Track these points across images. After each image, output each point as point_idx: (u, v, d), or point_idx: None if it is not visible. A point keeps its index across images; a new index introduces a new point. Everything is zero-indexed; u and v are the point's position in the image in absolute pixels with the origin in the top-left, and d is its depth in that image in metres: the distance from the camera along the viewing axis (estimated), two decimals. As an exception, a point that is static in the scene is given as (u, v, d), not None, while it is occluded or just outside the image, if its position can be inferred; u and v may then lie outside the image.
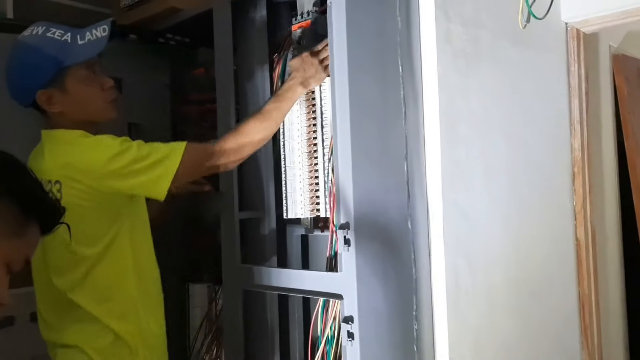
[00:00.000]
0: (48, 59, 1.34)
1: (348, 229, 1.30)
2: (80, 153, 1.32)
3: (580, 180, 1.94)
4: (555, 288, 1.85)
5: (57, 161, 1.32)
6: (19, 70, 1.36)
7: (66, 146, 1.34)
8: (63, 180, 1.29)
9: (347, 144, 1.31)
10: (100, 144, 1.32)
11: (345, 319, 1.29)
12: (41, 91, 1.35)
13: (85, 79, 1.39)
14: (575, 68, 1.95)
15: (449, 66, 1.47)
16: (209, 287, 1.79)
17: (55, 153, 1.33)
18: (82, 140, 1.34)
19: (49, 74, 1.35)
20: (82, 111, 1.39)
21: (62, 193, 1.29)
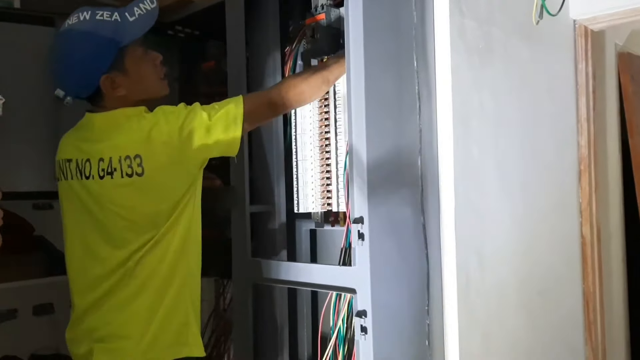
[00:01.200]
0: (106, 43, 1.33)
1: (362, 223, 1.30)
2: (155, 125, 1.32)
3: (587, 178, 1.95)
4: (560, 285, 1.86)
5: (135, 136, 1.31)
6: (79, 60, 1.33)
7: (138, 121, 1.33)
8: (143, 154, 1.30)
9: (362, 138, 1.31)
10: (169, 112, 1.33)
11: (359, 313, 1.29)
12: (105, 76, 1.33)
13: (142, 57, 1.39)
14: (582, 66, 1.96)
15: (462, 61, 1.47)
16: (216, 280, 1.79)
17: (131, 129, 1.32)
18: (150, 114, 1.35)
19: (110, 58, 1.33)
20: (143, 90, 1.39)
21: (143, 167, 1.30)
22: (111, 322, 1.36)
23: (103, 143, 1.34)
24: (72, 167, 1.39)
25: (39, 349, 2.12)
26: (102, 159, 1.33)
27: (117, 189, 1.33)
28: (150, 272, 1.35)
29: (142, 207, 1.34)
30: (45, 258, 2.15)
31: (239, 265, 1.56)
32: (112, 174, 1.32)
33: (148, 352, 1.34)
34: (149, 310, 1.35)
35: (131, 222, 1.35)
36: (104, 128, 1.36)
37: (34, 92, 1.73)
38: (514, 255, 1.64)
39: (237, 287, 1.57)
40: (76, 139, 1.41)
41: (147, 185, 1.32)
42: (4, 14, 1.74)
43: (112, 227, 1.36)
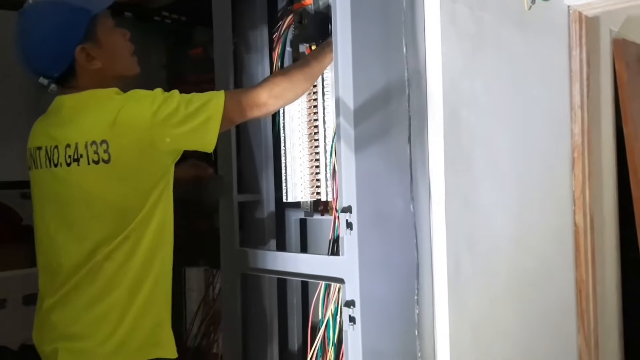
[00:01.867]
0: (78, 12, 1.27)
1: (350, 212, 1.28)
2: (124, 108, 1.25)
3: (580, 166, 1.93)
4: (553, 273, 1.85)
5: (102, 120, 1.24)
6: (51, 33, 1.27)
7: (107, 104, 1.27)
8: (110, 139, 1.23)
9: (350, 126, 1.29)
10: (142, 96, 1.27)
11: (347, 303, 1.28)
12: (79, 47, 1.27)
13: (113, 28, 1.34)
14: (576, 52, 1.94)
15: (453, 48, 1.44)
16: (205, 270, 1.77)
17: (98, 112, 1.26)
18: (120, 96, 1.28)
19: (83, 27, 1.27)
20: (117, 64, 1.34)
21: (109, 153, 1.23)
22: (78, 320, 1.29)
23: (70, 127, 1.28)
24: (41, 155, 1.33)
25: (29, 339, 2.11)
26: (69, 145, 1.27)
27: (84, 176, 1.26)
28: (120, 269, 1.29)
29: (109, 196, 1.27)
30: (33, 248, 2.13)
31: (227, 255, 1.54)
32: (78, 160, 1.26)
33: (115, 354, 1.28)
34: (119, 310, 1.29)
35: (97, 212, 1.28)
36: (72, 110, 1.30)
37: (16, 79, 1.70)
38: (506, 244, 1.63)
39: (226, 277, 1.56)
40: (46, 124, 1.35)
41: (113, 173, 1.25)
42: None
43: (78, 217, 1.29)
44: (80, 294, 1.30)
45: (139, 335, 1.30)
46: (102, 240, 1.28)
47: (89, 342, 1.28)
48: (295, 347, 1.64)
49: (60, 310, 1.32)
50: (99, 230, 1.28)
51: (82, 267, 1.29)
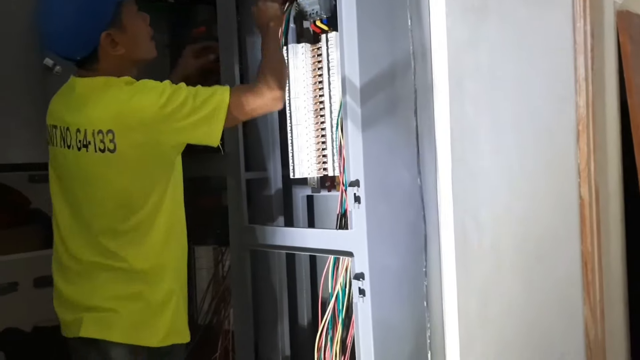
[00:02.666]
0: (108, 2, 1.28)
1: (358, 186, 1.29)
2: (132, 99, 1.27)
3: (585, 138, 1.93)
4: (559, 246, 1.86)
5: (109, 110, 1.27)
6: (77, 18, 1.27)
7: (115, 94, 1.28)
8: (116, 129, 1.25)
9: (356, 100, 1.29)
10: (151, 88, 1.28)
11: (356, 275, 1.29)
12: (105, 33, 1.28)
13: (136, 14, 1.35)
14: (580, 24, 1.92)
15: (457, 20, 1.44)
16: (214, 248, 1.79)
17: (106, 102, 1.28)
18: (129, 87, 1.29)
19: (109, 13, 1.28)
20: (138, 49, 1.35)
21: (115, 143, 1.25)
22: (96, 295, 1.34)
23: (80, 113, 1.30)
24: (57, 133, 1.35)
25: (40, 320, 2.14)
26: (79, 130, 1.29)
27: (91, 162, 1.29)
28: (133, 261, 1.32)
29: (113, 185, 1.30)
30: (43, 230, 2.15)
31: (236, 232, 1.56)
32: (87, 146, 1.28)
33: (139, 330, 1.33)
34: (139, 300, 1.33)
35: (102, 198, 1.31)
36: (82, 96, 1.31)
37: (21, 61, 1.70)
38: (511, 216, 1.64)
39: (235, 254, 1.58)
40: (60, 104, 1.37)
41: (118, 163, 1.27)
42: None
43: (85, 200, 1.33)
44: (95, 275, 1.34)
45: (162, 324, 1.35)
46: (107, 227, 1.31)
47: (112, 312, 1.32)
48: (305, 321, 1.66)
49: (78, 286, 1.36)
50: (103, 215, 1.32)
51: (92, 249, 1.33)
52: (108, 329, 1.32)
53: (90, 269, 1.35)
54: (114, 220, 1.32)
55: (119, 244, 1.32)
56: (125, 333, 1.32)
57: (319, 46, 1.46)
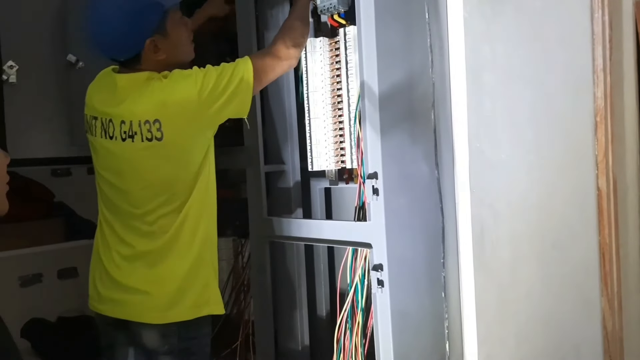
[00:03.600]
0: (153, 6, 1.33)
1: (376, 178, 1.31)
2: (174, 89, 1.33)
3: (603, 130, 1.92)
4: (576, 237, 1.86)
5: (153, 101, 1.33)
6: (125, 24, 1.32)
7: (158, 86, 1.34)
8: (162, 119, 1.32)
9: (374, 93, 1.30)
10: (186, 76, 1.35)
11: (375, 267, 1.31)
12: (149, 40, 1.34)
13: (180, 20, 1.40)
14: (599, 14, 1.91)
15: (474, 12, 1.44)
16: (234, 240, 1.81)
17: (149, 94, 1.34)
18: (168, 79, 1.35)
19: (156, 21, 1.34)
20: (178, 54, 1.41)
21: (162, 131, 1.32)
22: (134, 277, 1.40)
23: (124, 106, 1.36)
24: (97, 124, 1.41)
25: (64, 311, 2.19)
26: (124, 122, 1.35)
27: (138, 152, 1.35)
28: (172, 236, 1.38)
29: (160, 171, 1.37)
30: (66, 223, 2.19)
31: (256, 224, 1.58)
32: (132, 137, 1.34)
33: (170, 309, 1.38)
34: (172, 273, 1.39)
35: (148, 184, 1.37)
36: (125, 90, 1.37)
37: (46, 57, 1.73)
38: (528, 208, 1.64)
39: (254, 246, 1.60)
40: (100, 96, 1.43)
41: (166, 150, 1.34)
42: (11, -22, 1.73)
43: (130, 187, 1.39)
44: (136, 256, 1.41)
45: (190, 295, 1.40)
46: (154, 208, 1.38)
47: (147, 297, 1.39)
48: (323, 312, 1.69)
49: (118, 267, 1.42)
50: (149, 200, 1.38)
51: (135, 232, 1.40)
52: (141, 312, 1.39)
53: (131, 253, 1.42)
54: (157, 204, 1.39)
55: (158, 225, 1.39)
56: (156, 315, 1.39)
57: (337, 40, 1.47)
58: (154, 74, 1.36)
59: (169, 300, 1.39)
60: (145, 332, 1.40)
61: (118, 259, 1.43)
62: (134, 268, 1.41)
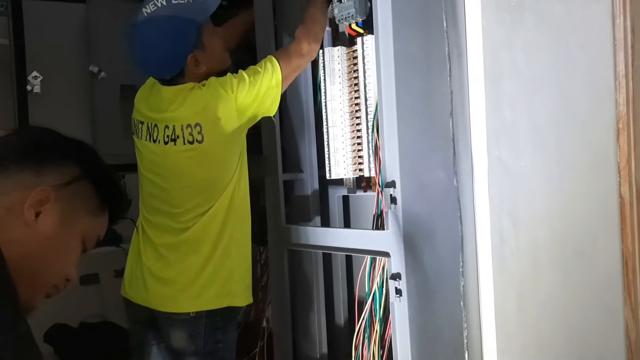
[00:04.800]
0: (189, 23, 1.41)
1: (394, 187, 1.31)
2: (213, 95, 1.42)
3: (625, 136, 1.89)
4: (598, 245, 1.83)
5: (195, 106, 1.42)
6: (167, 44, 1.41)
7: (199, 93, 1.43)
8: (203, 122, 1.41)
9: (392, 102, 1.31)
10: (222, 83, 1.43)
11: (393, 275, 1.31)
12: (190, 56, 1.42)
13: (213, 32, 1.48)
14: (620, 20, 1.89)
15: (493, 20, 1.44)
16: (253, 247, 1.82)
17: (192, 100, 1.43)
18: (207, 87, 1.44)
19: (193, 38, 1.42)
20: (216, 64, 1.49)
21: (203, 134, 1.41)
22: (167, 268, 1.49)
23: (168, 113, 1.45)
24: (143, 128, 1.50)
25: (87, 317, 2.22)
26: (167, 127, 1.44)
27: (179, 154, 1.43)
28: (204, 230, 1.46)
29: (201, 172, 1.45)
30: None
31: (274, 232, 1.59)
32: (175, 140, 1.43)
33: (196, 299, 1.46)
34: (200, 263, 1.47)
35: (189, 184, 1.46)
36: (169, 100, 1.45)
37: (69, 68, 1.77)
38: (549, 215, 1.62)
39: (273, 253, 1.61)
40: (146, 104, 1.52)
41: (206, 152, 1.42)
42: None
43: (172, 187, 1.48)
44: (169, 249, 1.50)
45: (215, 285, 1.47)
46: (192, 207, 1.46)
47: (175, 287, 1.47)
48: (342, 320, 1.69)
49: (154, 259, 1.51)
50: (189, 199, 1.47)
51: (173, 228, 1.48)
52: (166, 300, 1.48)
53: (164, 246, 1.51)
54: (194, 204, 1.47)
55: (192, 222, 1.47)
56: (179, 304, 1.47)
57: (355, 49, 1.48)
58: (195, 84, 1.45)
59: (192, 290, 1.46)
60: (173, 331, 1.47)
61: (151, 253, 1.51)
62: (166, 260, 1.49)
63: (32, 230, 0.77)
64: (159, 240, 1.51)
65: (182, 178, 1.47)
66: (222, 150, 1.45)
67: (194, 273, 1.47)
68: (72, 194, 0.81)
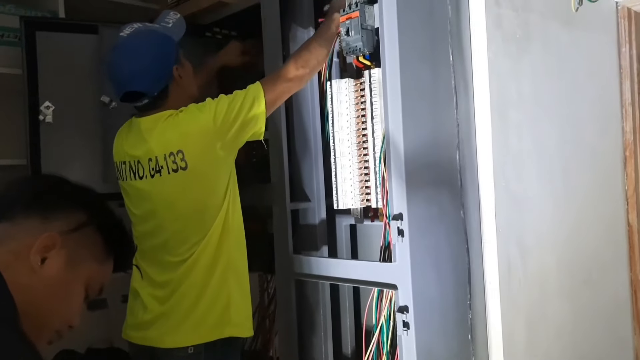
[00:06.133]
0: (168, 38, 1.48)
1: (401, 219, 1.31)
2: (191, 120, 1.43)
3: (632, 164, 1.90)
4: (607, 273, 1.83)
5: (175, 133, 1.43)
6: (152, 52, 1.46)
7: (177, 120, 1.44)
8: (185, 148, 1.41)
9: (399, 134, 1.31)
10: (200, 108, 1.44)
11: (400, 308, 1.31)
12: (175, 67, 1.48)
13: (184, 56, 1.53)
14: (626, 49, 1.90)
15: (499, 51, 1.45)
16: (260, 275, 1.82)
17: (171, 127, 1.43)
18: (184, 113, 1.45)
19: (173, 50, 1.49)
20: (193, 81, 1.55)
21: (186, 160, 1.41)
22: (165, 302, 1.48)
23: (148, 144, 1.44)
24: (126, 168, 1.50)
25: (94, 342, 2.21)
26: (151, 159, 1.44)
27: (166, 184, 1.43)
28: (194, 260, 1.45)
29: (189, 200, 1.44)
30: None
31: (281, 261, 1.60)
32: (160, 171, 1.43)
33: (195, 330, 1.44)
34: (196, 291, 1.46)
35: (179, 215, 1.45)
36: (148, 130, 1.46)
37: (80, 98, 1.79)
38: (557, 244, 1.62)
39: (280, 283, 1.61)
40: (126, 142, 1.52)
41: (192, 179, 1.42)
42: (51, 24, 1.80)
43: (162, 220, 1.46)
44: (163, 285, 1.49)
45: (213, 314, 1.46)
46: (186, 238, 1.45)
47: (173, 320, 1.46)
48: (349, 351, 1.68)
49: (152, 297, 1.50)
50: (181, 229, 1.45)
51: (169, 261, 1.47)
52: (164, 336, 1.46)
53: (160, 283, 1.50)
54: (187, 234, 1.46)
55: (187, 253, 1.46)
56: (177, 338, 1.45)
57: (362, 81, 1.49)
58: (172, 112, 1.46)
59: (190, 321, 1.45)
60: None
61: (147, 293, 1.50)
62: (164, 294, 1.48)
63: (37, 275, 0.78)
64: (156, 277, 1.50)
65: (171, 209, 1.45)
66: (208, 175, 1.44)
67: (190, 303, 1.45)
68: (79, 240, 0.82)
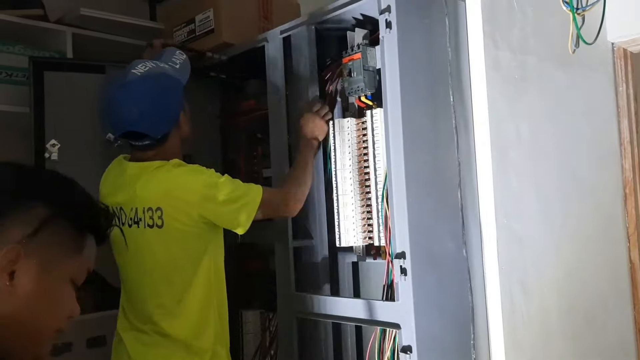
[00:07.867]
0: (179, 82, 1.48)
1: (404, 258, 1.32)
2: (179, 179, 1.42)
3: (633, 202, 1.91)
4: (610, 312, 1.82)
5: (158, 189, 1.40)
6: (168, 104, 1.45)
7: (164, 175, 1.42)
8: (164, 207, 1.39)
9: (401, 174, 1.33)
10: (199, 172, 1.43)
11: (404, 348, 1.30)
12: (182, 112, 1.49)
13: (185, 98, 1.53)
14: (623, 88, 1.93)
15: (498, 93, 1.48)
16: (261, 313, 1.82)
17: (156, 181, 1.41)
18: (177, 169, 1.43)
19: (181, 96, 1.49)
20: (189, 127, 1.54)
21: (163, 219, 1.38)
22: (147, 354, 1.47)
23: (131, 192, 1.43)
24: None
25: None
26: (131, 209, 1.43)
27: (143, 237, 1.42)
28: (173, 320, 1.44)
29: (160, 257, 1.43)
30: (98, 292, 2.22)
31: (284, 300, 1.59)
32: (138, 223, 1.42)
33: None
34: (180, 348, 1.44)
35: (148, 270, 1.44)
36: (134, 176, 1.44)
37: (86, 136, 1.82)
38: (559, 283, 1.62)
39: (282, 321, 1.60)
40: (111, 186, 1.51)
41: (165, 237, 1.40)
42: (59, 64, 1.84)
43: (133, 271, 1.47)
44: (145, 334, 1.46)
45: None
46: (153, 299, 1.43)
47: None
48: (351, 391, 1.66)
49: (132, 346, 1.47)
50: (149, 286, 1.44)
51: (143, 312, 1.45)
52: None
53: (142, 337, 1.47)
54: (158, 293, 1.44)
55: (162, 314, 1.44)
56: None
57: (364, 120, 1.52)
58: (164, 163, 1.43)
59: None
60: None
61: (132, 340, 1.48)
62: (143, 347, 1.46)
63: (12, 294, 0.70)
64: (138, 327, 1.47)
65: (150, 260, 1.44)
66: (182, 239, 1.41)
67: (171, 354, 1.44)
68: (45, 240, 0.73)
